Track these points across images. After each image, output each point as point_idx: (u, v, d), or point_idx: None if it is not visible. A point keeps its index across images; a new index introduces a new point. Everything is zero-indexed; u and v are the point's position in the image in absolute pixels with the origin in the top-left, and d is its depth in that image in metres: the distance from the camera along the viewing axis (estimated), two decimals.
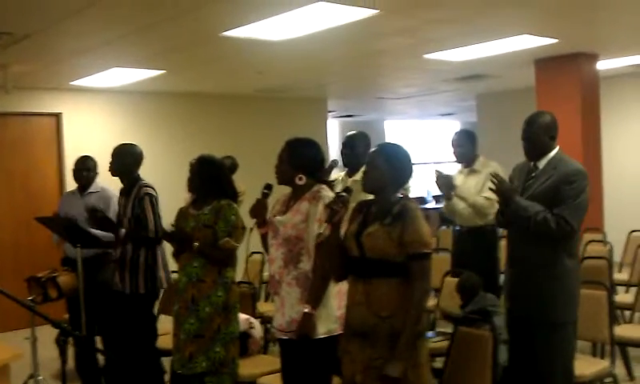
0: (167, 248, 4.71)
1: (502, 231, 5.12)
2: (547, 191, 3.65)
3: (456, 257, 5.63)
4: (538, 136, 3.75)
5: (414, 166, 3.23)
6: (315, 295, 3.35)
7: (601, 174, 8.20)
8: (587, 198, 3.67)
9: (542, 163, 3.77)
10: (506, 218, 3.82)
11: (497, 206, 3.97)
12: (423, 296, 3.00)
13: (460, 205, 5.21)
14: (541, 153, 3.77)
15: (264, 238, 3.64)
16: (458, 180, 5.30)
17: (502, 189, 3.70)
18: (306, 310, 3.32)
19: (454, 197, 5.17)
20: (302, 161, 3.52)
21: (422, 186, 16.05)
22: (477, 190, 5.14)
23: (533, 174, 3.79)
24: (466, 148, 5.38)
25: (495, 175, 3.83)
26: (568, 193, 3.59)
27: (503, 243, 4.76)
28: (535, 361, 3.70)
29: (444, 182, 5.14)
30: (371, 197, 3.21)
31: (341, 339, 3.23)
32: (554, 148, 3.79)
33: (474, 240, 5.29)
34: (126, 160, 4.92)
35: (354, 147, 4.69)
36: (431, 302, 5.71)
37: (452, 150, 5.44)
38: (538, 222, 3.57)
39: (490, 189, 3.84)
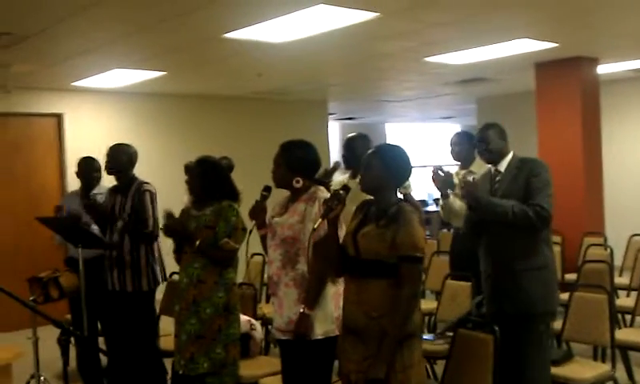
0: (163, 245, 4.74)
1: None
2: (518, 187, 3.83)
3: (453, 259, 5.63)
4: (494, 140, 4.01)
5: (412, 167, 3.24)
6: (311, 296, 3.36)
7: (601, 178, 8.20)
8: (552, 189, 3.85)
9: (502, 166, 4.00)
10: (476, 220, 3.94)
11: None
12: (410, 300, 2.97)
13: (456, 204, 5.16)
14: (501, 157, 4.00)
15: (263, 240, 3.66)
16: (455, 181, 5.29)
17: (469, 190, 3.82)
18: (303, 311, 3.34)
19: (450, 195, 5.13)
20: (298, 163, 3.53)
21: (422, 188, 16.07)
22: None
23: (498, 178, 3.99)
24: (464, 148, 5.40)
25: (462, 178, 3.92)
26: (537, 184, 3.80)
27: None
28: (522, 355, 3.79)
29: (441, 178, 5.07)
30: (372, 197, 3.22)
31: (338, 339, 3.24)
32: (510, 151, 4.04)
33: (472, 242, 5.24)
34: (121, 159, 4.95)
35: (353, 149, 4.69)
36: (432, 305, 5.73)
37: (450, 149, 5.47)
38: (515, 213, 3.71)
39: (461, 193, 3.97)
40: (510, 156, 4.02)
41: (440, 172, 4.89)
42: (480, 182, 4.02)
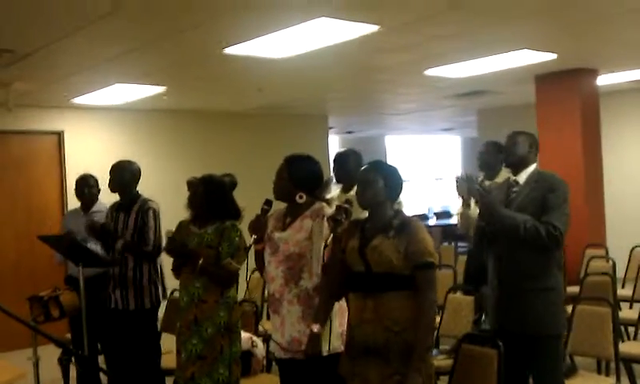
0: (165, 262, 4.71)
1: None
2: (532, 202, 3.70)
3: (469, 272, 5.51)
4: (521, 145, 3.86)
5: (408, 183, 3.26)
6: (323, 314, 3.31)
7: (602, 190, 8.19)
8: (569, 209, 3.73)
9: (522, 178, 3.86)
10: (487, 232, 3.83)
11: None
12: (432, 305, 3.01)
13: (476, 213, 5.08)
14: (523, 165, 3.85)
15: (259, 255, 3.61)
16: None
17: (485, 200, 3.74)
18: (315, 330, 3.26)
19: (472, 204, 5.06)
20: (301, 177, 3.51)
21: (422, 202, 16.06)
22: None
23: (514, 189, 3.85)
24: (492, 157, 5.37)
25: (481, 186, 3.87)
26: (553, 201, 3.67)
27: None
28: (527, 375, 3.74)
29: (465, 184, 4.97)
30: (365, 214, 3.22)
31: (343, 360, 3.20)
32: (533, 162, 3.90)
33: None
34: (124, 176, 4.94)
35: (343, 164, 4.70)
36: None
37: (477, 156, 5.42)
38: (527, 229, 3.60)
39: (476, 201, 3.89)
40: (531, 168, 3.86)
41: (463, 178, 4.84)
42: (496, 192, 3.94)
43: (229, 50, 5.73)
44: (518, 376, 3.74)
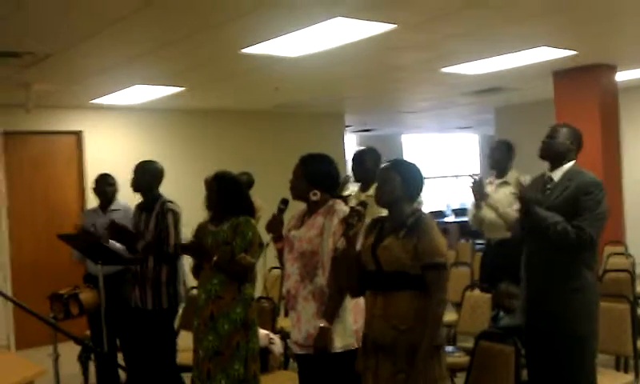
0: (186, 264, 4.74)
1: None
2: (565, 203, 3.61)
3: (485, 270, 5.51)
4: (562, 138, 3.76)
5: (426, 180, 3.26)
6: (331, 310, 3.35)
7: (621, 186, 8.12)
8: (606, 210, 3.64)
9: (557, 175, 3.75)
10: (523, 228, 3.78)
11: None
12: (440, 305, 3.00)
13: (489, 214, 5.10)
14: (559, 160, 3.75)
15: (280, 253, 3.66)
16: (489, 190, 5.23)
17: (525, 197, 3.67)
18: (322, 325, 3.32)
19: (484, 206, 5.07)
20: (316, 176, 3.54)
21: (440, 199, 16.04)
22: (507, 202, 4.99)
23: (548, 186, 3.76)
24: (503, 156, 5.36)
25: (520, 183, 3.83)
26: (586, 204, 3.56)
27: None
28: (557, 376, 3.66)
29: (478, 188, 5.02)
30: (385, 212, 3.23)
31: (359, 354, 3.23)
32: (572, 160, 3.77)
33: (505, 252, 5.10)
34: (146, 177, 4.97)
35: (362, 162, 4.71)
36: (452, 317, 5.69)
37: (488, 154, 5.42)
38: (557, 231, 3.53)
39: (515, 195, 3.83)
40: (568, 166, 3.74)
41: (476, 181, 4.87)
42: (530, 187, 3.89)
43: (246, 50, 5.75)
44: (545, 374, 3.71)
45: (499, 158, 5.39)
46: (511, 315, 4.48)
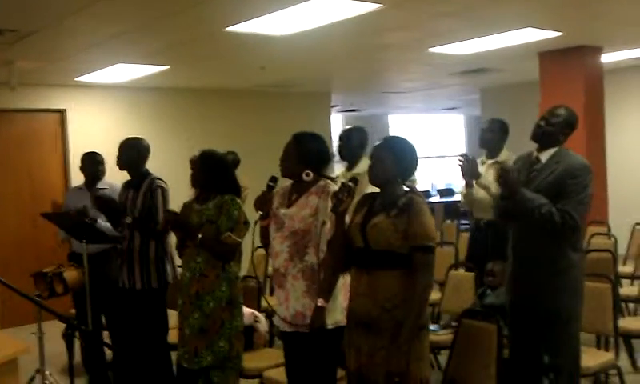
0: (173, 242, 4.72)
1: None
2: (551, 185, 3.63)
3: (473, 250, 5.51)
4: (560, 120, 3.78)
5: (418, 159, 3.24)
6: (328, 288, 3.34)
7: (605, 167, 8.18)
8: (591, 193, 3.67)
9: (544, 156, 3.77)
10: (508, 210, 3.78)
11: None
12: (426, 288, 3.01)
13: (480, 194, 5.08)
14: (551, 144, 3.76)
15: (265, 231, 3.64)
16: (480, 170, 5.21)
17: (508, 179, 3.66)
18: (319, 304, 3.31)
19: (475, 185, 5.04)
20: (309, 155, 3.53)
21: (426, 179, 16.08)
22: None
23: (535, 167, 3.78)
24: (495, 135, 5.32)
25: (503, 166, 3.82)
26: (572, 187, 3.59)
27: None
28: (541, 354, 3.70)
29: (469, 167, 5.01)
30: (375, 189, 3.22)
31: (345, 331, 3.25)
32: (562, 143, 3.79)
33: (493, 233, 5.07)
34: (132, 154, 4.88)
35: (348, 140, 4.68)
36: (436, 296, 5.73)
37: (480, 134, 5.39)
38: (542, 214, 3.55)
39: (497, 180, 3.82)
40: (557, 148, 3.77)
41: (466, 159, 4.84)
42: (519, 165, 3.89)
43: (231, 28, 5.71)
44: (530, 352, 3.74)
45: (491, 138, 5.36)
46: (496, 293, 4.52)
